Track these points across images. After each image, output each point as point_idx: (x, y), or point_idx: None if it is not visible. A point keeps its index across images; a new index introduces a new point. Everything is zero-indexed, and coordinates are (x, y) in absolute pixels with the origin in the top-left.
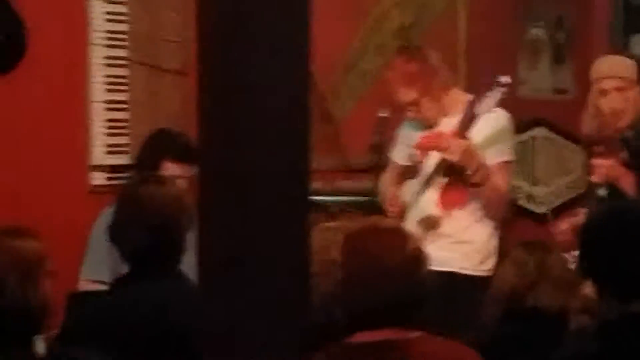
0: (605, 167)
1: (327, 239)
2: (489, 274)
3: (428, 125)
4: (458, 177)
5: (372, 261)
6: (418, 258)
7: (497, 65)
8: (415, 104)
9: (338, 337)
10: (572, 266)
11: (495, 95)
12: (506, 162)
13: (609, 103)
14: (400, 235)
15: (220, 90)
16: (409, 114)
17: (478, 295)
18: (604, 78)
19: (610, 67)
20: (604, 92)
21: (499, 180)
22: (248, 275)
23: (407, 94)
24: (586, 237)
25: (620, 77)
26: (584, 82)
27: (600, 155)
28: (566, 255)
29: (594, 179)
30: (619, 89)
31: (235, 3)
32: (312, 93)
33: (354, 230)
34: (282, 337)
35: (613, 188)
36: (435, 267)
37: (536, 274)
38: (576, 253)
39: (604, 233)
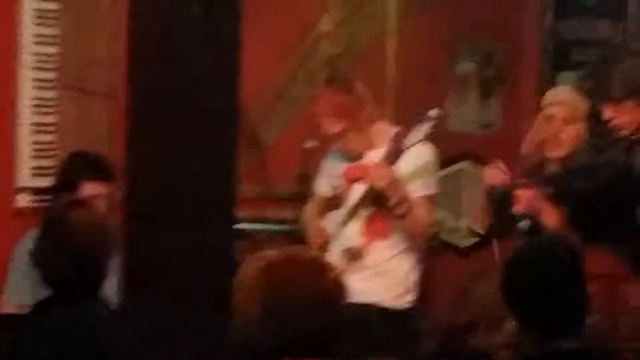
0: (528, 198)
1: (251, 268)
2: (409, 306)
3: (354, 157)
4: (382, 209)
5: (291, 292)
6: (336, 289)
7: (426, 98)
8: (341, 135)
9: None
10: None
11: (423, 128)
12: (430, 196)
13: (551, 129)
14: (319, 266)
15: (147, 115)
16: (335, 145)
17: (396, 328)
18: (553, 104)
19: (563, 95)
20: (549, 119)
21: (422, 214)
22: (171, 301)
23: (333, 126)
24: (506, 274)
25: (569, 107)
26: (511, 117)
27: (524, 186)
28: None
29: (516, 209)
30: (565, 119)
31: (164, 29)
32: (240, 120)
33: (274, 261)
34: None
35: (534, 221)
36: (356, 299)
37: (475, 313)
38: None
39: (522, 271)
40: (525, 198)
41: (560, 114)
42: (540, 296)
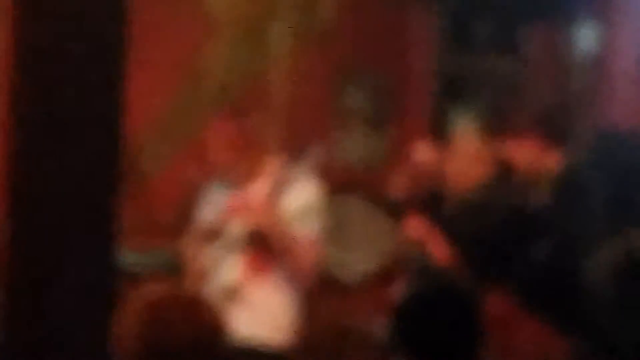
0: (417, 227)
1: (132, 306)
2: (287, 343)
3: (238, 187)
4: (263, 245)
5: (169, 331)
6: (216, 329)
7: (313, 129)
8: (228, 166)
9: None
10: None
11: (308, 163)
12: (315, 234)
13: (456, 166)
14: (199, 305)
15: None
16: (222, 175)
17: None
18: (461, 141)
19: (471, 133)
20: (455, 154)
21: (308, 252)
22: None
23: (222, 155)
24: (400, 311)
25: (475, 145)
26: (399, 150)
27: (414, 215)
28: None
29: (407, 240)
30: (472, 157)
31: (50, 58)
32: (123, 150)
33: (154, 299)
34: None
35: (425, 252)
36: (235, 334)
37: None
38: None
39: (417, 309)
40: (414, 228)
41: (467, 151)
42: (432, 335)
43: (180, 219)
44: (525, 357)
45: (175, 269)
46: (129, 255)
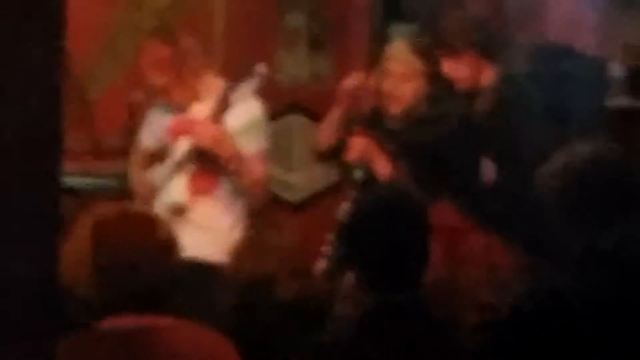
0: (361, 145)
1: (82, 225)
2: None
3: (179, 110)
4: (207, 165)
5: (121, 248)
6: (168, 244)
7: (254, 50)
8: (165, 89)
9: (87, 323)
10: None
11: (250, 84)
12: (262, 151)
13: (389, 84)
14: (151, 222)
15: None
16: (160, 99)
17: (220, 283)
18: (392, 59)
19: (399, 51)
20: (388, 73)
21: (256, 169)
22: None
23: (157, 79)
24: (347, 225)
25: (406, 64)
26: (342, 69)
27: (358, 134)
28: None
29: (349, 157)
30: (401, 75)
31: None
32: (65, 73)
33: (104, 217)
34: (32, 324)
35: (368, 171)
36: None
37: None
38: None
39: (363, 222)
40: (358, 146)
41: (398, 69)
42: (380, 247)
43: (125, 142)
44: (472, 267)
45: (121, 192)
46: (75, 179)
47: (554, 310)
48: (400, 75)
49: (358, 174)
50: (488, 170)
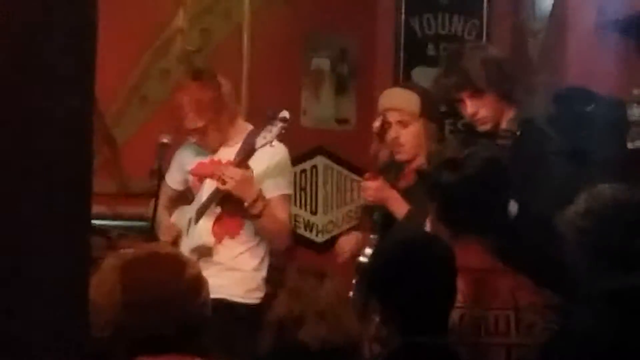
0: (372, 188)
1: (111, 265)
2: (258, 302)
3: (208, 150)
4: (232, 207)
5: (151, 288)
6: (197, 284)
7: (280, 94)
8: (201, 132)
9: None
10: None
11: (274, 129)
12: (285, 195)
13: (390, 134)
14: (179, 262)
15: None
16: (192, 139)
17: (246, 323)
18: (387, 110)
19: (392, 100)
20: (387, 124)
21: (280, 213)
22: (25, 298)
23: (195, 121)
24: (373, 267)
25: (401, 110)
26: (365, 113)
27: (369, 178)
28: None
29: (365, 201)
30: (400, 122)
31: (23, 26)
32: (95, 117)
33: (133, 257)
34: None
35: (386, 212)
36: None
37: (304, 305)
38: None
39: (389, 264)
40: (369, 188)
41: (396, 118)
42: (406, 290)
43: (152, 184)
44: (498, 308)
45: (150, 235)
46: (103, 222)
47: (580, 351)
48: (397, 123)
49: (376, 217)
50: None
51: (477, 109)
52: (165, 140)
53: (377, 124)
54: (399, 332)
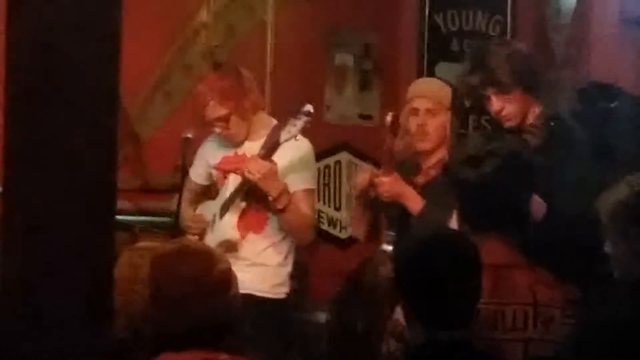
0: (386, 184)
1: (134, 259)
2: (284, 297)
3: (232, 144)
4: (257, 201)
5: (181, 282)
6: (227, 279)
7: (303, 90)
8: (224, 120)
9: (143, 357)
10: None
11: (299, 123)
12: (309, 190)
13: (417, 121)
14: (210, 257)
15: (25, 110)
16: (216, 130)
17: (271, 318)
18: (417, 97)
19: (423, 87)
20: (414, 111)
21: (304, 207)
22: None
23: (217, 110)
24: (398, 264)
25: (432, 98)
26: (389, 108)
27: (383, 173)
28: None
29: (379, 195)
30: (429, 110)
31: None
32: (119, 113)
33: (164, 251)
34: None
35: (402, 207)
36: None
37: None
38: None
39: (415, 261)
40: (385, 184)
41: (425, 105)
42: (433, 286)
43: (175, 180)
44: (519, 306)
45: (174, 230)
46: (127, 217)
47: (601, 343)
48: (425, 111)
49: (392, 213)
50: (538, 206)
51: (503, 105)
52: (189, 136)
53: (389, 118)
54: (424, 328)
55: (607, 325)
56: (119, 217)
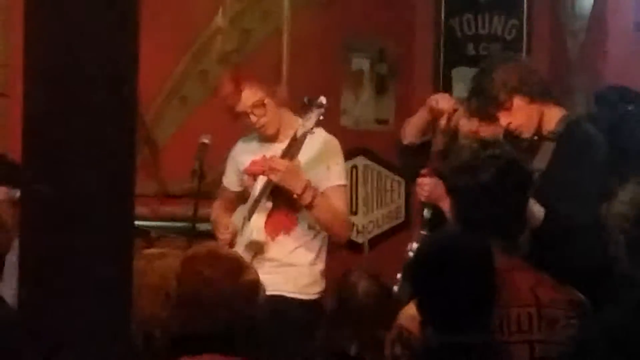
0: (427, 185)
1: (140, 265)
2: (316, 297)
3: (265, 137)
4: (283, 201)
5: (206, 285)
6: (253, 290)
7: (319, 94)
8: (260, 105)
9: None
10: None
11: (313, 115)
12: (340, 186)
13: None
14: (238, 264)
15: (44, 115)
16: (252, 119)
17: (304, 318)
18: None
19: None
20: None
21: (337, 202)
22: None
23: (253, 94)
24: (416, 266)
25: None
26: (405, 113)
27: (425, 174)
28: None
29: (419, 198)
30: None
31: (65, 31)
32: (138, 120)
33: (192, 255)
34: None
35: (436, 210)
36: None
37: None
38: None
39: (432, 264)
40: (426, 186)
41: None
42: (447, 289)
43: (193, 185)
44: (519, 304)
45: (190, 235)
46: (145, 223)
47: (605, 346)
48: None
49: (426, 214)
50: (535, 213)
51: (508, 120)
52: (205, 141)
53: (443, 120)
54: (439, 331)
55: (612, 327)
56: (135, 222)
